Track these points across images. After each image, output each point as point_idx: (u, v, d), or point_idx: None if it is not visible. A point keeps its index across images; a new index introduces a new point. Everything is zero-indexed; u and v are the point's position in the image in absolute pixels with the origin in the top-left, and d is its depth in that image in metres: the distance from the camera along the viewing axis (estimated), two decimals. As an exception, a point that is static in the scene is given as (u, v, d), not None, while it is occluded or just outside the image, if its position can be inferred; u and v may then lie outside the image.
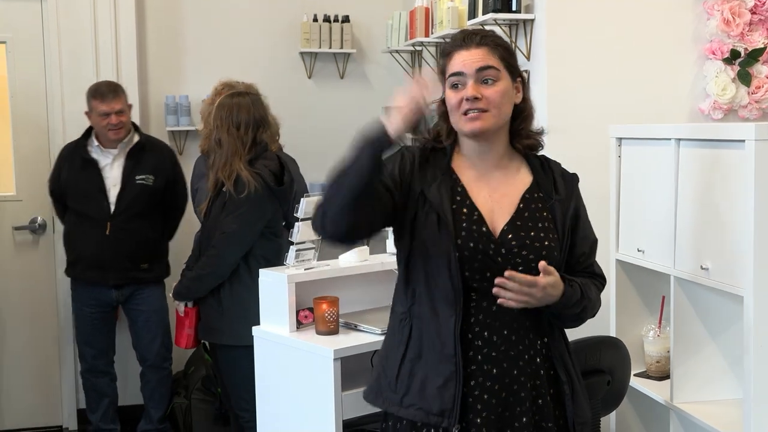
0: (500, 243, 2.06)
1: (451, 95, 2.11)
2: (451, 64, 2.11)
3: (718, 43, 3.61)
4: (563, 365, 2.14)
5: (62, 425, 4.92)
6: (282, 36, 5.15)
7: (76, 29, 4.71)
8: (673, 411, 2.82)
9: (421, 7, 4.52)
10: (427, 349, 2.07)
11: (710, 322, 2.80)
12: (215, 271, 3.55)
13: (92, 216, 4.19)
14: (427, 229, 2.07)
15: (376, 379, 2.19)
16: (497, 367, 2.06)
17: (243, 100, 3.61)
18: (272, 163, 3.59)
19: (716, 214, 2.57)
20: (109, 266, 4.19)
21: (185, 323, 3.72)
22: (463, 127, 2.10)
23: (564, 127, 3.58)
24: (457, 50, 2.11)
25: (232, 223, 3.50)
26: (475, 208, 2.09)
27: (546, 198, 2.15)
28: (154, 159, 4.28)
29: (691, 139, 2.71)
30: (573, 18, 3.57)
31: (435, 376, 2.05)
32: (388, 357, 2.16)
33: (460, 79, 2.09)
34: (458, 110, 2.09)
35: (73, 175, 4.23)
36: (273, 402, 3.07)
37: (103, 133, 4.19)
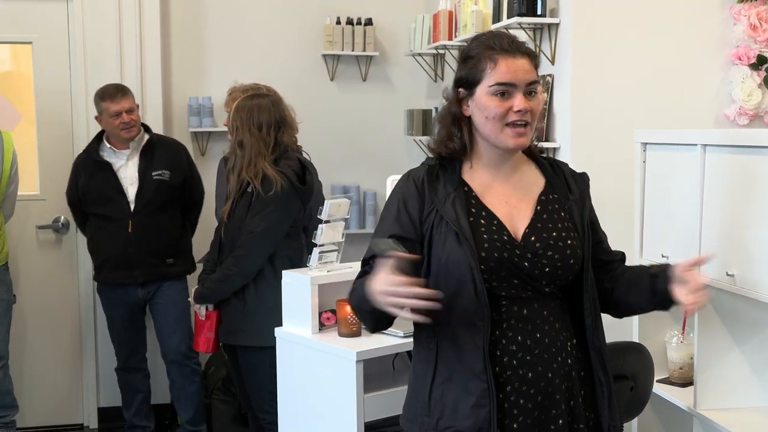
0: (524, 247, 2.05)
1: (496, 104, 2.02)
2: (497, 71, 2.01)
3: (745, 49, 3.59)
4: (602, 366, 2.12)
5: (83, 423, 4.95)
6: (305, 38, 5.16)
7: (100, 31, 4.74)
8: (697, 418, 2.80)
9: (445, 10, 4.52)
10: (455, 370, 2.03)
11: (735, 329, 2.78)
12: (242, 272, 3.55)
13: (113, 217, 4.22)
14: (446, 248, 2.02)
15: (409, 405, 2.15)
16: (532, 370, 2.04)
17: (263, 102, 3.62)
18: (294, 163, 3.60)
19: (742, 220, 2.56)
20: (136, 264, 4.23)
21: (205, 326, 3.73)
22: (506, 141, 2.04)
23: (589, 132, 3.58)
24: (502, 56, 2.01)
25: (261, 222, 3.50)
26: (494, 216, 2.06)
27: (562, 199, 2.14)
28: (168, 155, 4.33)
29: (718, 144, 2.69)
30: (598, 22, 3.56)
31: (467, 396, 2.01)
32: (417, 381, 2.11)
33: (508, 89, 2.01)
34: (501, 120, 2.02)
35: (90, 180, 4.27)
36: (295, 404, 3.07)
37: (115, 133, 4.23)
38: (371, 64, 5.27)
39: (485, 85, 2.02)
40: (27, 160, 4.73)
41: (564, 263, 2.07)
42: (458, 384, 2.02)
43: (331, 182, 5.13)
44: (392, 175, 3.20)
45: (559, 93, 3.65)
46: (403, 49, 5.23)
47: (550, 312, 2.07)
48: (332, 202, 3.10)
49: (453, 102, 2.08)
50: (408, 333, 2.86)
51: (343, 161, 5.26)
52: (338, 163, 5.21)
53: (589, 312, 2.10)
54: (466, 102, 2.07)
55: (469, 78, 2.05)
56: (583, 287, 2.10)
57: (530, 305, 2.05)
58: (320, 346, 2.93)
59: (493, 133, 2.04)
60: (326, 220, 3.09)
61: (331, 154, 5.15)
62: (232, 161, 3.63)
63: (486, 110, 2.03)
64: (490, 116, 2.03)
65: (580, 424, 2.09)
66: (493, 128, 2.04)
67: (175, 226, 4.34)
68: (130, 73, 4.76)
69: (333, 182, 5.15)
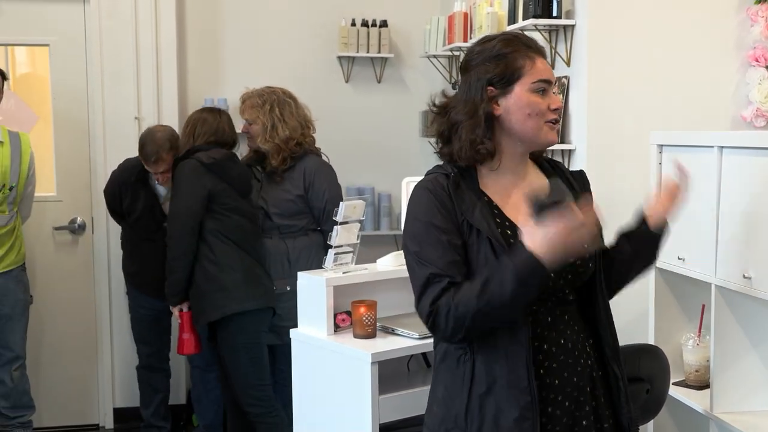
0: None
1: (539, 100, 2.02)
2: (536, 69, 2.02)
3: (762, 50, 3.58)
4: (616, 360, 2.11)
5: (99, 423, 4.97)
6: (320, 40, 5.17)
7: (117, 33, 4.77)
8: (713, 421, 2.79)
9: (460, 12, 4.52)
10: (495, 383, 1.98)
11: (752, 332, 2.76)
12: (176, 254, 3.80)
13: (150, 240, 4.29)
14: (480, 256, 1.97)
15: (437, 417, 2.07)
16: (558, 377, 2.02)
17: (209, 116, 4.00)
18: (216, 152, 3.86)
19: (759, 222, 2.55)
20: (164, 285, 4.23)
21: (182, 328, 3.91)
22: (546, 137, 2.04)
23: (605, 134, 3.57)
24: (538, 55, 2.04)
25: (175, 203, 3.83)
26: (515, 227, 2.02)
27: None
28: None
29: (735, 146, 2.68)
30: (614, 24, 3.55)
31: (509, 409, 1.97)
32: (450, 396, 2.04)
33: (546, 87, 2.03)
34: (542, 118, 2.02)
35: (135, 200, 4.31)
36: (310, 405, 3.08)
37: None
38: (386, 66, 5.28)
39: (527, 82, 2.01)
40: (44, 161, 4.76)
41: (584, 268, 2.06)
42: (498, 396, 1.98)
43: (346, 184, 5.13)
44: (407, 177, 3.21)
45: (575, 95, 3.64)
46: (418, 50, 5.23)
47: (570, 316, 2.06)
48: (347, 204, 3.10)
49: (484, 102, 2.02)
50: (423, 335, 2.86)
51: (358, 163, 5.26)
52: (353, 164, 5.22)
53: (602, 309, 2.10)
54: (496, 101, 2.03)
55: (505, 76, 2.02)
56: (597, 286, 2.10)
57: (553, 312, 2.04)
58: (335, 348, 2.93)
59: (533, 130, 2.03)
60: (341, 222, 3.09)
61: (346, 156, 5.15)
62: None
63: (530, 107, 2.01)
64: (534, 112, 2.01)
65: (604, 424, 2.09)
66: (535, 125, 2.02)
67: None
68: (146, 75, 4.78)
69: (348, 184, 5.16)
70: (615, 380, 2.10)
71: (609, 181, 3.54)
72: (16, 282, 4.25)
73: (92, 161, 4.80)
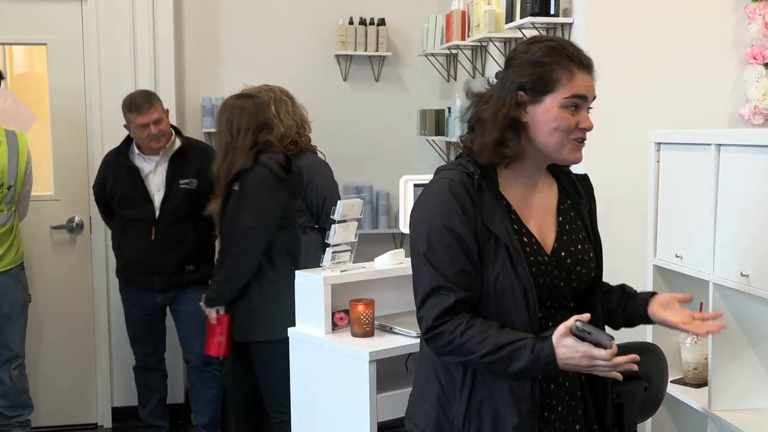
0: (557, 264, 2.01)
1: (569, 117, 1.95)
2: (574, 83, 1.94)
3: (759, 48, 3.58)
4: None
5: (97, 423, 4.97)
6: (318, 38, 5.17)
7: (115, 31, 4.76)
8: (711, 419, 2.79)
9: (458, 10, 4.51)
10: (497, 388, 1.97)
11: (749, 330, 2.76)
12: (242, 268, 3.61)
13: (137, 222, 4.24)
14: (496, 266, 1.94)
15: (435, 422, 2.05)
16: (554, 383, 2.02)
17: (246, 103, 3.70)
18: (278, 156, 3.66)
19: (757, 220, 2.55)
20: (156, 270, 4.24)
21: (216, 330, 3.77)
22: (569, 155, 1.98)
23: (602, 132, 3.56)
24: (579, 69, 1.96)
25: (250, 216, 3.58)
26: (531, 235, 2.00)
27: (575, 205, 2.12)
28: (197, 163, 4.26)
29: (732, 144, 2.68)
30: (611, 22, 3.55)
31: (509, 416, 1.96)
32: (447, 397, 2.02)
33: (581, 103, 1.96)
34: (569, 135, 1.95)
35: (117, 183, 4.27)
36: (308, 403, 3.08)
37: (144, 144, 4.20)
38: (384, 65, 5.27)
39: (560, 96, 1.94)
40: (41, 161, 4.76)
41: (588, 276, 2.07)
42: (500, 402, 1.97)
43: (344, 182, 5.13)
44: (405, 176, 3.20)
45: (573, 93, 3.63)
46: (416, 49, 5.23)
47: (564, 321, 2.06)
48: (345, 203, 3.10)
49: (511, 105, 1.95)
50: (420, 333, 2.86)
51: (356, 161, 5.26)
52: (351, 163, 5.22)
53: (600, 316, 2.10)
54: (525, 107, 1.96)
55: (539, 85, 1.95)
56: (596, 293, 2.11)
57: (554, 318, 2.02)
58: (333, 347, 2.93)
59: (557, 146, 1.96)
60: (339, 220, 3.09)
61: (344, 155, 5.16)
62: (215, 163, 3.69)
63: (557, 121, 1.94)
64: (560, 128, 1.95)
65: (594, 426, 2.10)
66: (559, 141, 1.96)
67: (198, 235, 4.30)
68: (144, 73, 4.78)
69: (346, 182, 5.16)
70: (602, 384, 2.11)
71: (607, 179, 3.53)
72: (14, 281, 4.25)
73: (90, 160, 4.80)
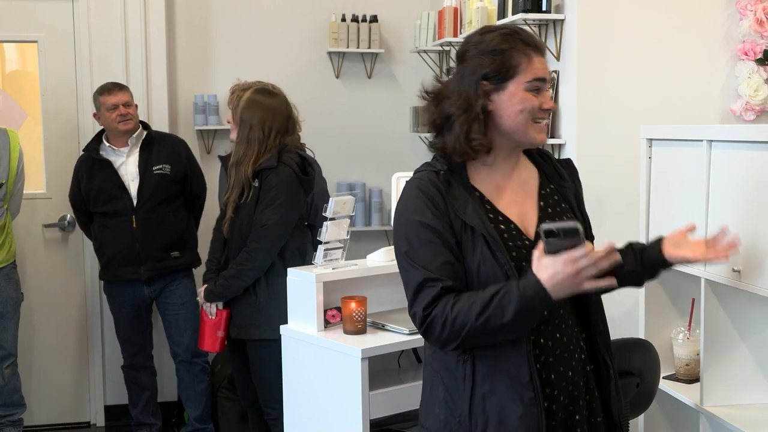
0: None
1: (533, 98, 2.00)
2: (533, 67, 2.00)
3: (751, 44, 3.58)
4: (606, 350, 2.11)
5: (90, 421, 4.96)
6: (310, 35, 5.16)
7: (106, 29, 4.75)
8: (703, 414, 2.79)
9: (450, 6, 4.51)
10: (498, 381, 1.97)
11: (741, 325, 2.77)
12: (256, 266, 3.56)
13: (117, 214, 4.25)
14: (476, 256, 1.96)
15: (444, 424, 2.03)
16: (555, 372, 2.01)
17: (276, 103, 3.68)
18: (295, 156, 3.65)
19: (748, 216, 2.55)
20: (142, 259, 4.24)
21: (215, 326, 3.72)
22: (534, 136, 2.02)
23: (594, 128, 3.57)
24: (535, 53, 2.02)
25: (273, 214, 3.54)
26: (509, 221, 2.02)
27: (559, 189, 2.13)
28: (167, 149, 4.35)
29: (723, 140, 2.68)
30: (603, 18, 3.55)
31: (513, 407, 1.95)
32: (452, 396, 2.02)
33: (541, 86, 2.02)
34: (533, 115, 2.01)
35: (91, 179, 4.29)
36: (300, 401, 3.07)
37: (113, 127, 4.25)
38: (376, 61, 5.27)
39: (522, 80, 1.99)
40: (33, 158, 4.74)
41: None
42: (502, 394, 1.96)
43: (337, 179, 5.13)
44: (397, 173, 3.20)
45: (565, 89, 3.64)
46: (409, 46, 5.23)
47: (564, 310, 2.05)
48: (337, 200, 3.10)
49: (477, 96, 1.99)
50: (413, 330, 2.86)
51: (349, 158, 5.26)
52: (344, 160, 5.22)
53: (594, 298, 2.10)
54: (489, 96, 2.00)
55: (501, 72, 1.99)
56: None
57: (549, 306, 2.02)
58: (325, 344, 2.93)
59: (522, 128, 2.01)
60: (331, 218, 3.08)
61: (337, 152, 5.15)
62: (237, 154, 3.63)
63: (522, 104, 1.99)
64: (526, 109, 2.00)
65: (597, 417, 2.08)
66: (524, 123, 2.01)
67: (179, 220, 4.35)
68: (136, 71, 4.77)
69: (338, 179, 5.15)
70: (606, 370, 2.10)
71: (599, 175, 3.55)
72: (7, 279, 4.24)
73: (82, 158, 4.78)
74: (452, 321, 1.90)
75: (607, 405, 2.11)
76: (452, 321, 1.90)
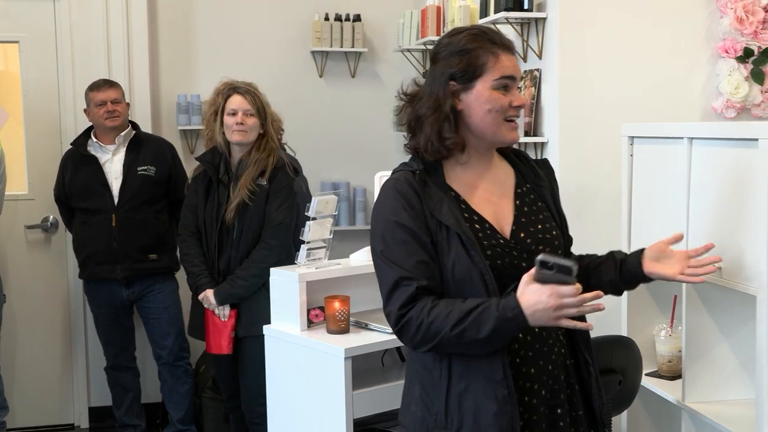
0: (517, 246, 2.03)
1: (501, 97, 2.01)
2: (500, 65, 2.01)
3: (731, 42, 3.60)
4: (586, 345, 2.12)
5: (74, 423, 4.94)
6: (293, 35, 5.16)
7: (88, 28, 4.73)
8: (685, 411, 2.80)
9: (433, 5, 4.51)
10: (472, 379, 1.98)
11: (723, 322, 2.78)
12: (276, 262, 3.51)
13: (97, 211, 4.24)
14: (451, 255, 1.97)
15: (416, 417, 2.06)
16: (534, 366, 2.02)
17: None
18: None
19: (729, 213, 2.56)
20: (118, 258, 4.23)
21: (229, 326, 3.69)
22: (505, 135, 2.03)
23: (576, 126, 3.58)
24: (503, 51, 2.02)
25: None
26: (484, 220, 2.03)
27: (535, 188, 2.14)
28: (153, 151, 4.35)
29: (704, 137, 2.69)
30: (585, 16, 3.56)
31: (487, 404, 1.96)
32: (428, 395, 2.04)
33: (510, 83, 2.02)
34: (503, 114, 2.02)
35: (75, 174, 4.29)
36: (284, 401, 3.07)
37: (100, 123, 4.26)
38: (360, 61, 5.26)
39: (489, 79, 2.01)
40: (15, 159, 4.72)
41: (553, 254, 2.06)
42: (476, 393, 1.97)
43: (321, 179, 5.13)
44: (380, 172, 3.20)
45: (547, 87, 3.64)
46: (392, 44, 5.23)
47: None
48: (319, 199, 3.09)
49: (445, 96, 2.01)
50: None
51: (333, 158, 5.25)
52: (328, 159, 5.21)
53: None
54: (458, 96, 2.03)
55: (468, 72, 2.01)
56: None
57: None
58: (309, 344, 2.93)
59: (492, 128, 2.02)
60: (314, 217, 3.08)
61: (321, 151, 5.15)
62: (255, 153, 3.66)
63: (490, 103, 2.00)
64: (494, 109, 2.01)
65: (579, 411, 2.09)
66: (494, 122, 2.02)
67: (160, 222, 4.33)
68: (118, 71, 4.75)
69: (323, 179, 5.15)
70: (586, 366, 2.11)
71: (581, 173, 3.56)
72: (-12, 281, 4.22)
73: (64, 159, 4.76)
74: (427, 326, 1.92)
75: (588, 400, 2.12)
76: (427, 326, 1.92)
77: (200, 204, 3.72)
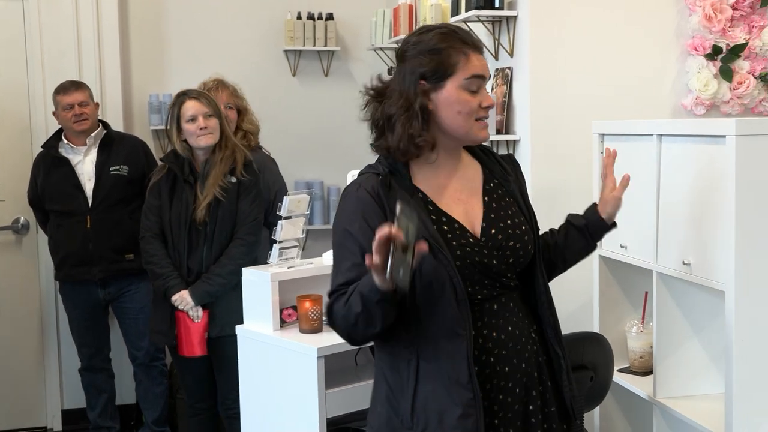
0: (488, 243, 2.03)
1: (471, 98, 2.01)
2: (470, 65, 2.01)
3: (700, 39, 3.62)
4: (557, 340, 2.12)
5: (47, 426, 4.90)
6: (266, 34, 5.14)
7: (58, 28, 4.69)
8: (656, 406, 2.83)
9: (405, 4, 4.52)
10: (439, 380, 1.97)
11: (693, 318, 2.81)
12: (252, 259, 3.54)
13: (72, 213, 4.21)
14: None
15: (383, 417, 2.05)
16: (509, 365, 2.02)
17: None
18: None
19: (698, 209, 2.58)
20: (95, 260, 4.20)
21: (205, 327, 3.60)
22: (477, 134, 2.04)
23: (548, 124, 3.59)
24: (473, 51, 2.02)
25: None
26: (453, 220, 2.03)
27: (503, 183, 2.14)
28: (126, 150, 4.31)
29: (673, 134, 2.71)
30: (556, 15, 3.57)
31: (452, 407, 1.95)
32: (395, 396, 2.03)
33: (480, 84, 2.02)
34: (473, 114, 2.01)
35: (48, 177, 4.26)
36: (257, 400, 3.06)
37: (68, 126, 4.23)
38: (333, 59, 5.26)
39: (459, 78, 2.00)
40: (-16, 160, 4.68)
41: (524, 250, 2.07)
42: (442, 395, 1.97)
43: (295, 178, 5.11)
44: (352, 170, 3.19)
45: (518, 85, 3.66)
46: (365, 43, 5.23)
47: (514, 303, 2.07)
48: (292, 198, 3.09)
49: (416, 95, 2.00)
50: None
51: (306, 157, 5.24)
52: (301, 158, 5.20)
53: (542, 290, 2.12)
54: (428, 95, 2.01)
55: (438, 71, 2.00)
56: (537, 268, 2.11)
57: (498, 300, 2.04)
58: (281, 343, 2.92)
59: (464, 128, 2.02)
60: (286, 216, 3.07)
61: (294, 150, 5.14)
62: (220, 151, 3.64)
63: (459, 104, 2.00)
64: (464, 111, 2.00)
65: (551, 407, 2.10)
66: (465, 123, 2.01)
67: (135, 222, 4.24)
68: (89, 71, 4.72)
69: (296, 178, 5.14)
70: (557, 360, 2.12)
71: (552, 170, 3.57)
72: (-41, 283, 4.18)
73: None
74: (344, 316, 1.96)
75: (560, 395, 2.13)
76: (344, 316, 1.96)
77: (165, 205, 3.66)
